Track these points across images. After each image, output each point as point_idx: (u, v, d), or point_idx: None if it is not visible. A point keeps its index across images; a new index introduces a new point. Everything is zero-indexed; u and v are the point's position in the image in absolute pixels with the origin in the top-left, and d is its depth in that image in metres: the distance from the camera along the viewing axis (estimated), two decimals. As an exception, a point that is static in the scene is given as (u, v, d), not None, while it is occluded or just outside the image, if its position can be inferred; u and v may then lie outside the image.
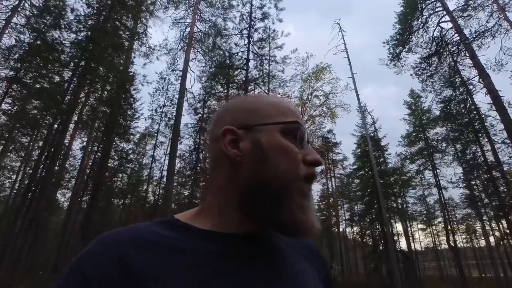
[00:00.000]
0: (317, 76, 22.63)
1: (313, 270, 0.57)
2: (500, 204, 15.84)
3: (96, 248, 0.44)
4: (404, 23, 17.81)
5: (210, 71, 17.21)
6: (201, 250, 0.46)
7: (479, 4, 15.61)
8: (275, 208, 0.48)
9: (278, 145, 0.51)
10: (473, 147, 17.69)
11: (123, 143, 17.23)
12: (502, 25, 15.07)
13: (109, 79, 15.17)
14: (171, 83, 19.73)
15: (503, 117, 13.62)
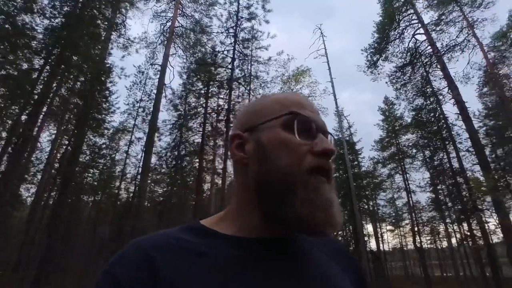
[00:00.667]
0: (297, 79, 23.04)
1: (344, 273, 0.55)
2: (462, 208, 16.91)
3: (126, 253, 0.47)
4: (382, 33, 18.51)
5: (191, 67, 16.92)
6: (223, 254, 0.47)
7: (451, 19, 16.64)
8: (280, 205, 0.47)
9: (278, 140, 0.50)
10: (441, 154, 18.76)
11: (96, 137, 16.50)
12: (470, 41, 16.17)
13: (83, 70, 14.48)
14: (150, 78, 19.20)
15: (468, 127, 14.55)
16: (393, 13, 17.73)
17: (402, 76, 19.00)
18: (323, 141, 0.50)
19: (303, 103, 0.55)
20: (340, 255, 0.60)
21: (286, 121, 0.51)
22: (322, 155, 0.49)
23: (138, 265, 0.45)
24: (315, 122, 0.52)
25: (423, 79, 18.31)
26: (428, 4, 17.04)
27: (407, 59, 18.40)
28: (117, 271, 0.44)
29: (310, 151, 0.49)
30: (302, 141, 0.50)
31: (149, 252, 0.46)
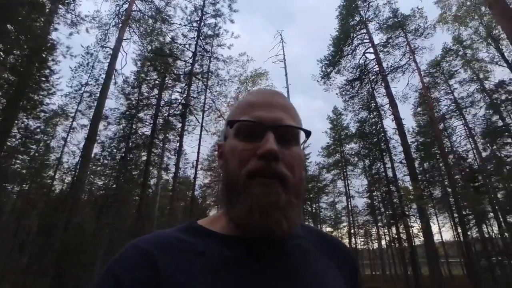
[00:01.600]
0: (254, 80, 23.37)
1: (340, 273, 0.56)
2: (393, 213, 18.81)
3: (127, 252, 0.48)
4: (337, 47, 19.73)
5: (147, 55, 16.07)
6: (219, 254, 0.49)
7: (397, 43, 18.43)
8: (228, 208, 0.51)
9: (229, 148, 0.53)
10: (378, 163, 20.62)
11: (30, 120, 14.72)
12: (411, 65, 18.11)
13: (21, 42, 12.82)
14: (99, 61, 17.73)
15: (403, 141, 16.27)
16: (348, 30, 19.06)
17: (351, 89, 20.45)
18: (265, 141, 0.48)
19: (254, 102, 0.55)
20: (340, 255, 0.60)
21: (235, 128, 0.53)
22: (262, 157, 0.48)
23: (140, 265, 0.46)
24: (259, 121, 0.51)
25: (369, 94, 19.93)
26: (379, 26, 18.66)
27: (356, 74, 19.88)
28: (118, 271, 0.45)
29: (255, 154, 0.49)
30: (245, 146, 0.50)
31: (151, 251, 0.47)
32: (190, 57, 13.67)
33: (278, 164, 0.48)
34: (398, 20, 18.07)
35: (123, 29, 16.40)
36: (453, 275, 22.95)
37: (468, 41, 18.32)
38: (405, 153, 16.14)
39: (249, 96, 0.58)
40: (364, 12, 19.12)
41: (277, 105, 0.54)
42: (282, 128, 0.51)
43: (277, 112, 0.53)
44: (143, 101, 16.21)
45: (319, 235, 0.62)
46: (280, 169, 0.48)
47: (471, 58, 18.40)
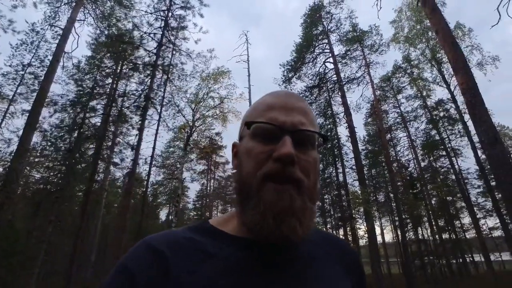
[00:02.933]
0: (216, 78, 23.00)
1: (346, 277, 0.57)
2: (341, 215, 19.90)
3: (139, 250, 0.48)
4: (299, 53, 20.34)
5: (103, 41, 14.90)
6: (229, 256, 0.49)
7: (354, 56, 19.59)
8: (241, 211, 0.51)
9: (245, 149, 0.52)
10: (331, 168, 21.66)
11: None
12: (365, 78, 19.35)
13: None
14: (46, 41, 15.97)
15: (354, 149, 17.27)
16: (311, 39, 19.75)
17: (310, 95, 21.21)
18: (282, 145, 0.47)
19: (273, 104, 0.54)
20: (346, 258, 0.60)
21: (252, 130, 0.52)
22: (278, 160, 0.47)
23: (152, 262, 0.46)
24: (278, 124, 0.50)
25: (326, 102, 20.88)
26: (339, 38, 19.65)
27: (316, 82, 20.68)
28: (132, 267, 0.45)
29: (271, 157, 0.48)
30: (262, 148, 0.50)
31: (162, 250, 0.47)
32: (155, 47, 12.93)
33: (294, 168, 0.47)
34: (357, 35, 19.21)
35: (76, 8, 15.03)
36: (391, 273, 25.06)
37: (416, 61, 20.22)
38: (356, 159, 17.14)
39: (268, 97, 0.57)
40: (326, 23, 20.00)
41: (296, 108, 0.53)
42: (300, 132, 0.50)
43: (295, 115, 0.52)
44: (96, 89, 15.00)
45: (329, 239, 0.62)
46: (295, 174, 0.47)
47: (417, 76, 20.32)
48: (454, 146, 19.69)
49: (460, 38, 18.05)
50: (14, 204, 13.55)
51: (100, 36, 15.73)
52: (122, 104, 15.52)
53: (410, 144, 21.64)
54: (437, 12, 9.56)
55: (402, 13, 20.26)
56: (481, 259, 21.01)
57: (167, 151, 23.78)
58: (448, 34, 9.29)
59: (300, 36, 20.53)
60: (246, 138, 0.53)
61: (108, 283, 0.45)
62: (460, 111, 17.58)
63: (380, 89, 21.26)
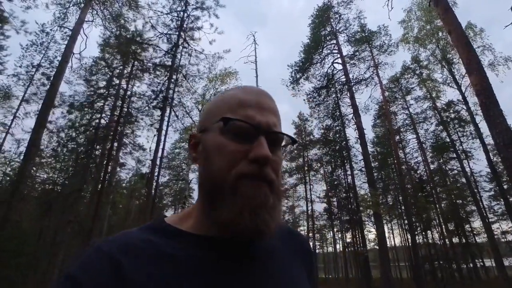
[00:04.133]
0: (223, 80, 22.91)
1: (301, 263, 0.58)
2: (349, 218, 19.68)
3: (90, 257, 0.44)
4: (307, 54, 20.19)
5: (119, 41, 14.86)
6: (186, 255, 0.47)
7: (363, 57, 19.38)
8: (211, 208, 0.49)
9: (215, 145, 0.50)
10: (339, 170, 21.48)
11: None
12: (374, 79, 19.13)
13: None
14: (56, 42, 16.01)
15: (364, 151, 17.05)
16: (320, 39, 19.60)
17: (318, 97, 21.05)
18: (258, 146, 0.47)
19: (247, 102, 0.52)
20: (303, 251, 0.62)
21: (222, 126, 0.50)
22: (255, 161, 0.47)
23: (104, 270, 0.42)
24: (254, 124, 0.49)
25: (334, 103, 20.69)
26: (348, 39, 19.47)
27: (324, 83, 20.51)
28: (80, 277, 0.41)
29: (245, 156, 0.48)
30: (237, 147, 0.48)
31: (115, 255, 0.44)
32: (171, 49, 12.78)
33: (268, 168, 0.48)
34: (365, 35, 19.02)
35: (85, 9, 15.07)
36: (402, 278, 24.69)
37: (425, 61, 19.97)
38: (365, 161, 16.91)
39: (239, 92, 0.55)
40: (335, 24, 19.83)
41: (269, 108, 0.53)
42: (273, 134, 0.50)
43: (269, 116, 0.52)
44: (109, 90, 14.98)
45: (285, 230, 0.62)
46: (270, 174, 0.48)
47: (427, 77, 20.04)
48: (465, 148, 19.39)
49: (471, 38, 17.76)
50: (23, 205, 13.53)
51: (109, 37, 15.73)
52: (129, 105, 15.51)
53: (420, 146, 21.33)
54: (450, 12, 9.35)
55: (411, 13, 20.03)
56: (492, 264, 20.60)
57: (172, 152, 23.74)
58: (462, 34, 9.08)
59: (308, 37, 20.41)
60: (215, 132, 0.51)
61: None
62: (472, 112, 17.27)
63: (388, 90, 21.01)
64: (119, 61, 15.49)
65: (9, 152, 16.20)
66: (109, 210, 19.23)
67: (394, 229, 25.83)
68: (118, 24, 15.64)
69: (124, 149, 16.09)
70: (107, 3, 16.26)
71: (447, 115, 20.08)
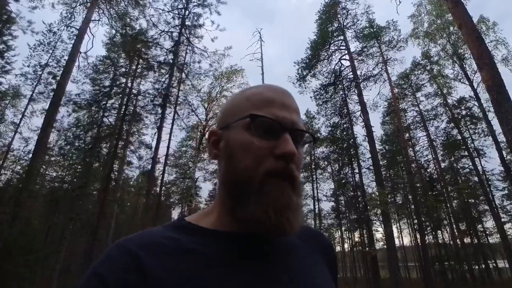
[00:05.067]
0: (229, 77, 22.78)
1: (325, 263, 0.58)
2: (357, 217, 19.37)
3: (113, 254, 0.46)
4: (314, 51, 19.90)
5: (118, 40, 14.92)
6: (207, 249, 0.47)
7: (371, 53, 19.01)
8: (236, 205, 0.49)
9: (240, 142, 0.50)
10: (346, 169, 21.14)
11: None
12: (383, 75, 18.75)
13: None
14: (62, 41, 16.15)
15: (372, 148, 16.75)
16: (327, 35, 19.29)
17: (325, 94, 20.74)
18: (285, 142, 0.48)
19: (272, 100, 0.52)
20: (325, 249, 0.61)
21: (247, 123, 0.50)
22: (281, 158, 0.47)
23: (126, 266, 0.43)
24: (280, 121, 0.50)
25: (342, 100, 20.36)
26: (356, 34, 19.11)
27: (331, 80, 20.19)
28: (104, 273, 0.42)
29: (271, 153, 0.48)
30: (262, 143, 0.49)
31: (137, 252, 0.45)
32: (172, 46, 12.75)
33: (293, 165, 0.49)
34: (374, 31, 18.63)
35: (91, 9, 15.16)
36: (410, 278, 24.28)
37: (436, 57, 19.43)
38: (373, 159, 16.60)
39: (264, 90, 0.55)
40: (342, 19, 19.49)
41: (293, 107, 0.54)
42: (297, 132, 0.51)
43: (293, 114, 0.53)
44: (114, 89, 15.05)
45: (307, 230, 0.63)
46: (294, 171, 0.49)
47: (437, 73, 19.52)
48: (477, 146, 18.84)
49: (484, 32, 17.19)
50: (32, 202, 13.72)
51: (115, 36, 15.78)
52: (135, 104, 15.55)
53: (430, 144, 20.82)
54: (460, 6, 9.05)
55: (421, 7, 19.52)
56: (505, 265, 20.05)
57: (179, 151, 23.77)
58: (472, 28, 8.78)
59: (315, 33, 20.13)
60: (239, 129, 0.51)
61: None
62: (484, 109, 16.74)
63: (398, 86, 20.54)
64: (125, 60, 15.53)
65: (18, 151, 16.41)
66: (117, 208, 19.38)
67: (404, 229, 25.40)
68: (123, 22, 15.70)
69: (130, 148, 16.16)
70: (113, 1, 16.33)
71: (458, 112, 19.54)
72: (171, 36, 12.85)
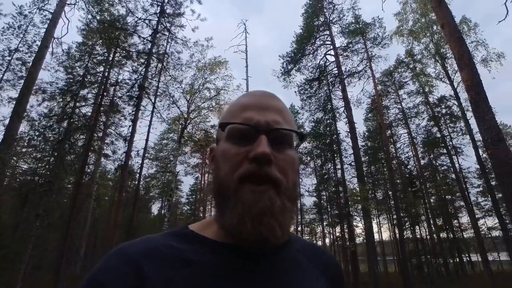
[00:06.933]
0: (213, 69, 22.22)
1: (327, 283, 0.55)
2: (338, 213, 19.53)
3: (113, 260, 0.44)
4: (299, 45, 19.66)
5: (95, 26, 14.13)
6: (206, 261, 0.46)
7: (356, 49, 18.97)
8: (219, 214, 0.48)
9: (221, 152, 0.50)
10: (329, 164, 21.22)
11: None
12: (367, 72, 18.76)
13: None
14: (35, 25, 15.16)
15: (354, 145, 16.80)
16: (312, 30, 19.06)
17: (309, 89, 20.60)
18: (257, 144, 0.46)
19: (247, 105, 0.52)
20: (330, 270, 0.58)
21: (227, 132, 0.50)
22: (254, 161, 0.45)
23: (126, 274, 0.42)
24: (253, 124, 0.48)
25: (326, 96, 20.29)
26: (341, 30, 19.00)
27: (316, 75, 20.05)
28: (103, 280, 0.41)
29: (246, 158, 0.47)
30: (238, 149, 0.48)
31: (138, 260, 0.44)
32: (150, 35, 12.14)
33: (271, 167, 0.46)
34: (359, 27, 18.56)
35: (67, -8, 14.27)
36: (388, 272, 24.88)
37: (419, 55, 19.62)
38: (355, 155, 16.68)
39: (242, 98, 0.56)
40: (328, 14, 19.30)
41: (271, 107, 0.52)
42: (275, 131, 0.49)
43: (271, 114, 0.50)
44: (87, 77, 14.30)
45: (311, 248, 0.60)
46: (273, 173, 0.46)
47: (420, 72, 19.75)
48: (456, 144, 19.30)
49: (465, 33, 17.47)
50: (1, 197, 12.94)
51: (92, 22, 14.96)
52: (114, 94, 14.86)
53: (411, 141, 21.19)
54: (443, 6, 9.05)
55: (407, 5, 19.58)
56: (478, 259, 20.84)
57: (160, 143, 23.15)
58: (454, 28, 8.81)
59: (301, 27, 19.84)
60: (222, 141, 0.52)
61: None
62: (463, 108, 17.09)
63: (381, 83, 20.68)
64: (102, 47, 14.77)
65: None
66: (93, 203, 18.70)
67: (383, 224, 25.93)
68: (101, 7, 14.89)
69: (106, 140, 15.51)
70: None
71: (438, 110, 19.92)
72: (149, 24, 12.24)
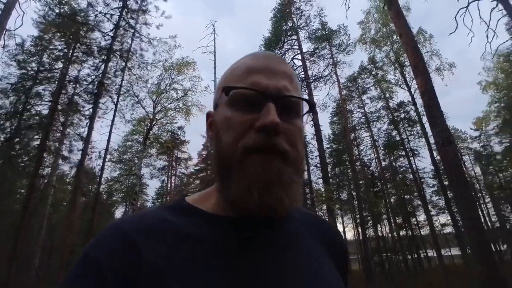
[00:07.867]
0: (180, 69, 21.78)
1: (330, 257, 0.52)
2: (305, 214, 19.87)
3: (107, 236, 0.43)
4: (268, 48, 19.89)
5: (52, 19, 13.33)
6: (204, 235, 0.44)
7: (322, 54, 19.60)
8: (222, 185, 0.46)
9: (223, 119, 0.47)
10: (296, 166, 21.56)
11: None
12: (332, 77, 19.43)
13: None
14: (-17, 15, 13.94)
15: (319, 147, 17.32)
16: (281, 34, 19.45)
17: (277, 92, 20.90)
18: (265, 113, 0.42)
19: (254, 67, 0.47)
20: (332, 241, 0.56)
21: (230, 97, 0.46)
22: (262, 130, 0.42)
23: (121, 250, 0.40)
24: (261, 89, 0.44)
25: (293, 99, 20.64)
26: (308, 35, 19.56)
27: (284, 79, 20.39)
28: (98, 256, 0.40)
29: (252, 127, 0.43)
30: (243, 117, 0.44)
31: (132, 235, 0.42)
32: (111, 30, 11.66)
33: (279, 138, 0.43)
34: (325, 33, 19.23)
35: (21, -19, 13.34)
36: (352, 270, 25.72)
37: (380, 62, 20.74)
38: (321, 157, 17.18)
39: (247, 59, 0.51)
40: (296, 19, 19.81)
41: (280, 72, 0.48)
42: (285, 99, 0.45)
43: (280, 80, 0.46)
44: (43, 73, 13.42)
45: (313, 218, 0.59)
46: (281, 144, 0.43)
47: (381, 78, 20.87)
48: (413, 147, 20.54)
49: (421, 43, 18.72)
50: None
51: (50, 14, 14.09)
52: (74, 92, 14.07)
53: (373, 144, 22.24)
54: (401, 17, 9.70)
55: (370, 14, 20.63)
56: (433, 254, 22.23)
57: (124, 145, 22.21)
58: (411, 38, 9.46)
59: (269, 31, 20.16)
60: (223, 106, 0.48)
61: (73, 274, 0.39)
62: (419, 113, 18.25)
63: (346, 88, 21.55)
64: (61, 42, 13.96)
65: None
66: (49, 208, 17.46)
67: (348, 224, 26.81)
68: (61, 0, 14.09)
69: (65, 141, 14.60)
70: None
71: (398, 114, 21.11)
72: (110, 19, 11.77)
